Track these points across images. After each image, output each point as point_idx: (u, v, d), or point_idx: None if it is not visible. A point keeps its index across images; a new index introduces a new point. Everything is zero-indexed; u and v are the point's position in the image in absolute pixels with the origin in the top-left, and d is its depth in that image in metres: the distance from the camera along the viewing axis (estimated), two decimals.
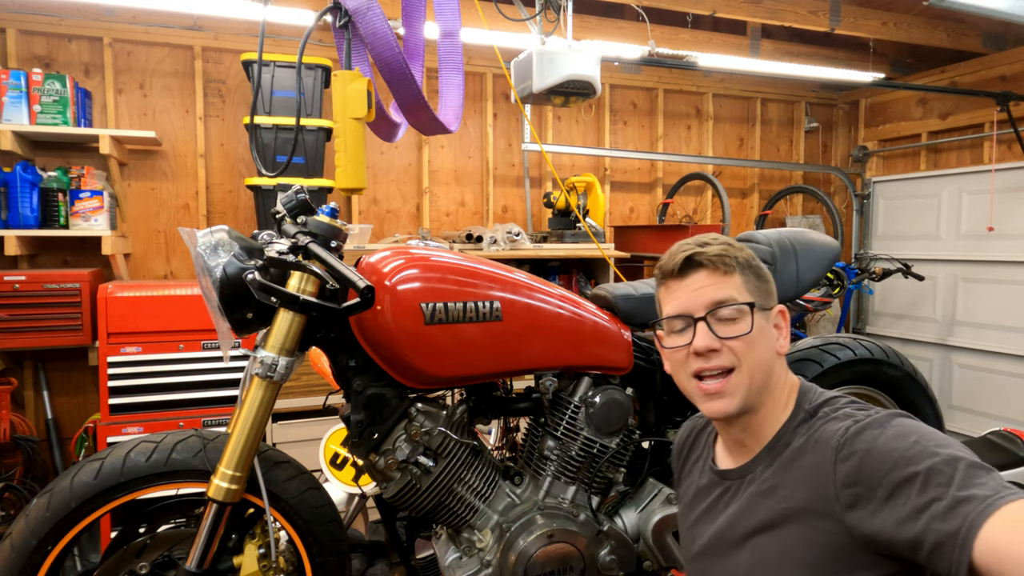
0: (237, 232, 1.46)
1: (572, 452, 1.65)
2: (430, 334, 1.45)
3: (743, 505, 1.07)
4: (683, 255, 1.09)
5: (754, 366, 1.04)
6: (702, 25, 4.33)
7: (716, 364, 1.04)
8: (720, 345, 1.04)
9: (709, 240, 1.11)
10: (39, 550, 1.38)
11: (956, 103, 4.56)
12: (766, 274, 1.11)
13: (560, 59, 2.53)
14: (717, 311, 1.05)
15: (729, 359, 1.04)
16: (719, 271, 1.07)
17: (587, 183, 3.94)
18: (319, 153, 3.39)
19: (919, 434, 0.89)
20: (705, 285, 1.07)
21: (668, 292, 1.12)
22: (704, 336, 1.05)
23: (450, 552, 1.62)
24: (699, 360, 1.05)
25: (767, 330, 1.07)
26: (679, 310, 1.09)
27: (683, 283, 1.09)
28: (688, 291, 1.08)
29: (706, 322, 1.05)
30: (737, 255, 1.08)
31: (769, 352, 1.06)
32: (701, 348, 1.04)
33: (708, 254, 1.07)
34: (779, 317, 1.11)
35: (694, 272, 1.08)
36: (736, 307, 1.05)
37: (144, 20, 3.47)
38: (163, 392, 2.82)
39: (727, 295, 1.05)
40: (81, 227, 3.07)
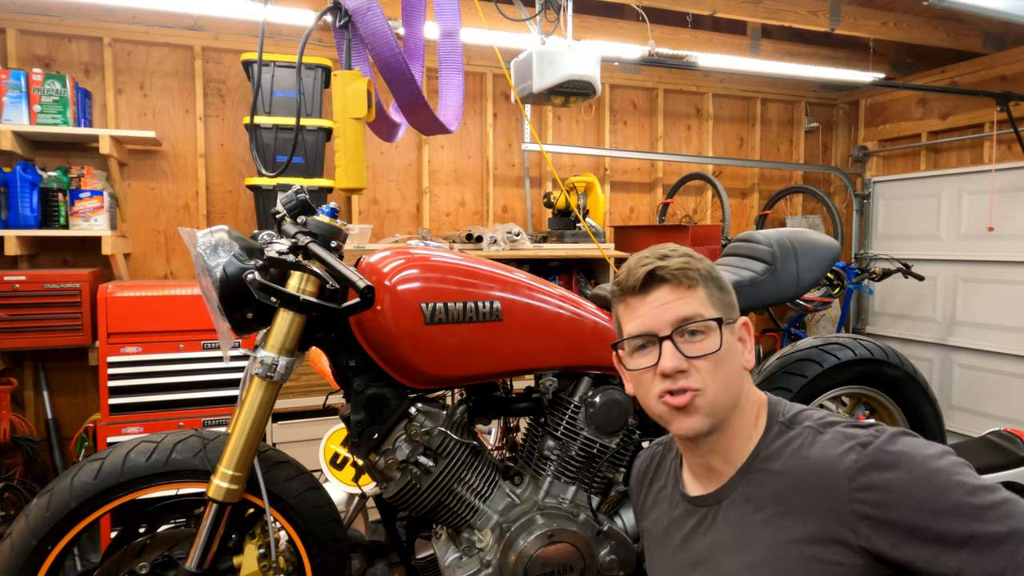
0: (237, 232, 1.46)
1: (572, 452, 1.65)
2: (430, 334, 1.45)
3: (730, 534, 1.01)
4: (644, 270, 1.03)
5: (723, 385, 0.99)
6: (702, 25, 4.33)
7: (682, 385, 0.98)
8: (688, 365, 0.98)
9: (668, 252, 1.06)
10: (39, 550, 1.38)
11: (956, 103, 4.56)
12: (727, 285, 1.07)
13: (560, 59, 2.53)
14: (683, 328, 1.00)
15: (697, 380, 0.98)
16: (683, 286, 1.02)
17: (587, 183, 3.94)
18: (319, 153, 3.39)
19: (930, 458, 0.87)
20: (669, 301, 1.01)
21: (629, 310, 1.06)
22: (671, 356, 0.99)
23: (450, 552, 1.62)
24: (666, 382, 0.99)
25: (733, 345, 1.03)
26: (642, 329, 1.02)
27: (645, 300, 1.03)
28: (651, 308, 1.02)
29: (672, 341, 0.99)
30: (699, 267, 1.03)
31: (737, 368, 1.02)
32: (669, 369, 0.98)
33: (670, 268, 1.02)
34: (743, 330, 1.06)
35: (656, 288, 1.03)
36: (703, 323, 0.99)
37: (144, 20, 3.47)
38: (163, 392, 2.82)
39: (693, 311, 1.00)
40: (81, 227, 3.07)
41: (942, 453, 0.88)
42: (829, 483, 0.91)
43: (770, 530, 0.96)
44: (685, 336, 1.00)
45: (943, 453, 0.88)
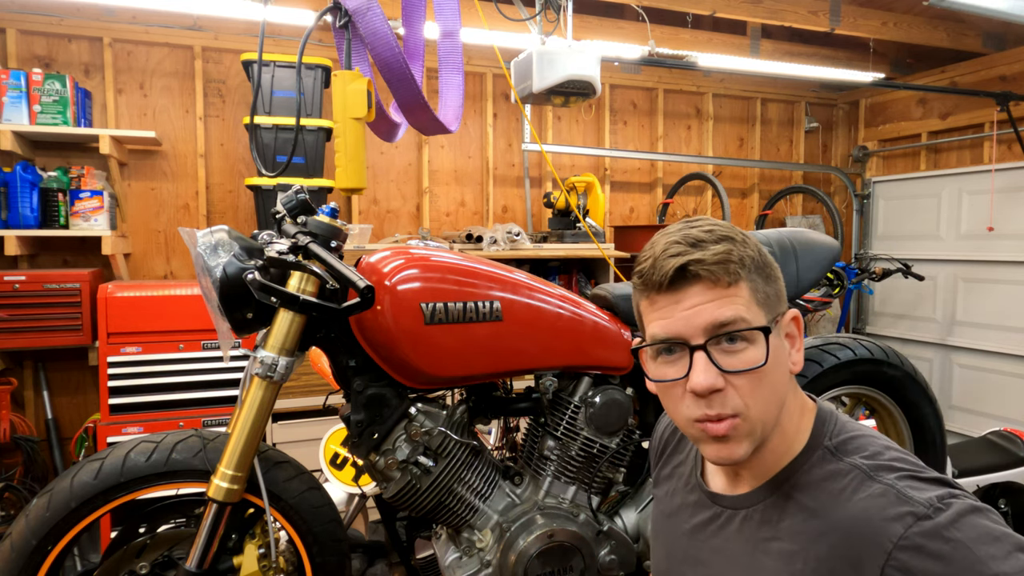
0: (237, 232, 1.46)
1: (572, 452, 1.65)
2: (430, 334, 1.45)
3: (740, 549, 0.89)
4: (673, 263, 0.82)
5: (766, 403, 0.82)
6: (702, 25, 4.33)
7: (719, 412, 0.81)
8: (724, 384, 0.81)
9: (703, 235, 0.84)
10: (39, 550, 1.38)
11: (956, 103, 4.56)
12: (774, 271, 0.87)
13: (560, 59, 2.53)
14: (720, 337, 0.81)
15: (735, 402, 0.81)
16: (721, 283, 0.82)
17: (587, 183, 3.94)
18: (319, 153, 3.39)
19: (996, 559, 0.69)
20: (703, 303, 0.82)
21: (653, 307, 0.86)
22: (704, 371, 0.80)
23: (450, 552, 1.62)
24: (701, 404, 0.82)
25: (781, 350, 0.85)
26: (669, 333, 0.84)
27: (675, 298, 0.83)
28: (681, 309, 0.83)
29: (706, 351, 0.81)
30: (742, 255, 0.83)
31: (783, 377, 0.85)
32: (702, 389, 0.80)
33: (706, 261, 0.82)
34: (791, 325, 0.88)
35: (688, 286, 0.83)
36: (745, 332, 0.81)
37: (144, 20, 3.47)
38: (163, 392, 2.82)
39: (733, 315, 0.81)
40: (81, 227, 3.07)
41: (1009, 553, 0.69)
42: (862, 550, 0.75)
43: (782, 566, 0.83)
44: (722, 344, 0.81)
45: (1010, 553, 0.70)
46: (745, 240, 0.86)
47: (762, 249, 0.87)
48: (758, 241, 0.88)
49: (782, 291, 0.88)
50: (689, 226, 0.87)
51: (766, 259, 0.87)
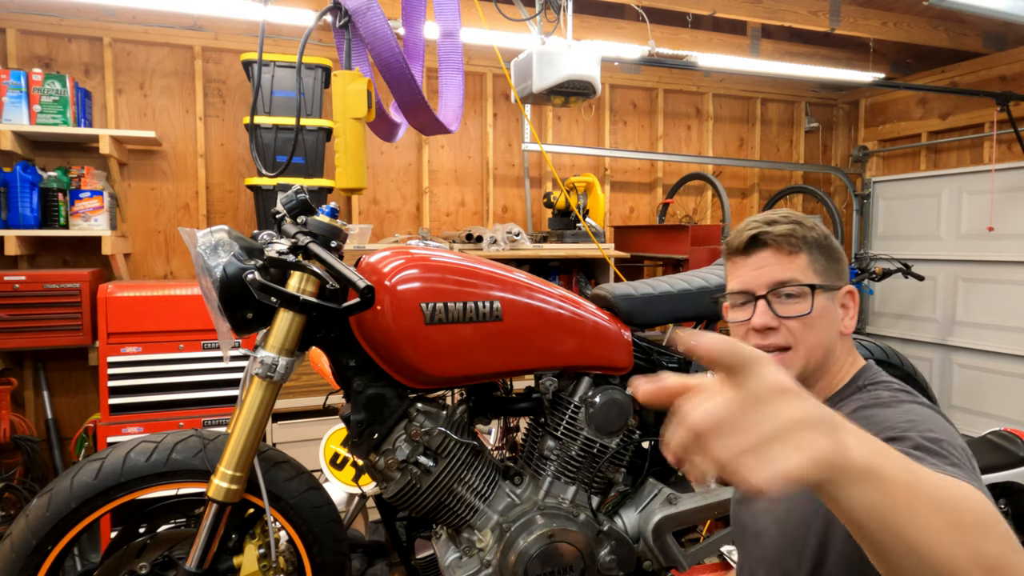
0: (237, 232, 1.46)
1: (572, 452, 1.65)
2: (430, 334, 1.45)
3: None
4: (749, 233, 1.11)
5: (811, 346, 1.06)
6: (702, 25, 4.33)
7: (772, 342, 1.07)
8: (778, 324, 1.06)
9: (778, 218, 1.11)
10: (39, 550, 1.38)
11: (956, 103, 4.56)
12: (838, 253, 1.12)
13: (560, 59, 2.53)
14: (778, 291, 1.07)
15: (786, 338, 1.06)
16: (783, 251, 1.08)
17: (587, 183, 3.94)
18: (319, 153, 3.39)
19: (919, 416, 0.91)
20: (768, 265, 1.09)
21: (734, 267, 1.14)
22: (762, 314, 1.07)
23: (450, 552, 1.61)
24: (757, 336, 1.08)
25: (831, 310, 1.08)
26: (741, 287, 1.11)
27: (747, 261, 1.11)
28: (751, 269, 1.10)
29: (767, 300, 1.07)
30: (806, 235, 1.09)
31: (830, 332, 1.08)
32: (758, 325, 1.07)
33: (774, 233, 1.09)
34: (847, 297, 1.12)
35: (759, 251, 1.10)
36: (797, 287, 1.06)
37: (144, 20, 3.47)
38: (163, 392, 2.82)
39: (789, 276, 1.07)
40: (81, 227, 3.07)
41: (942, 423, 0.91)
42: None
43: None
44: (781, 298, 1.07)
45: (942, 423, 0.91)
46: (813, 226, 1.11)
47: (829, 235, 1.12)
48: (827, 231, 1.13)
49: (842, 270, 1.12)
50: (771, 212, 1.15)
51: (831, 243, 1.12)
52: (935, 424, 0.90)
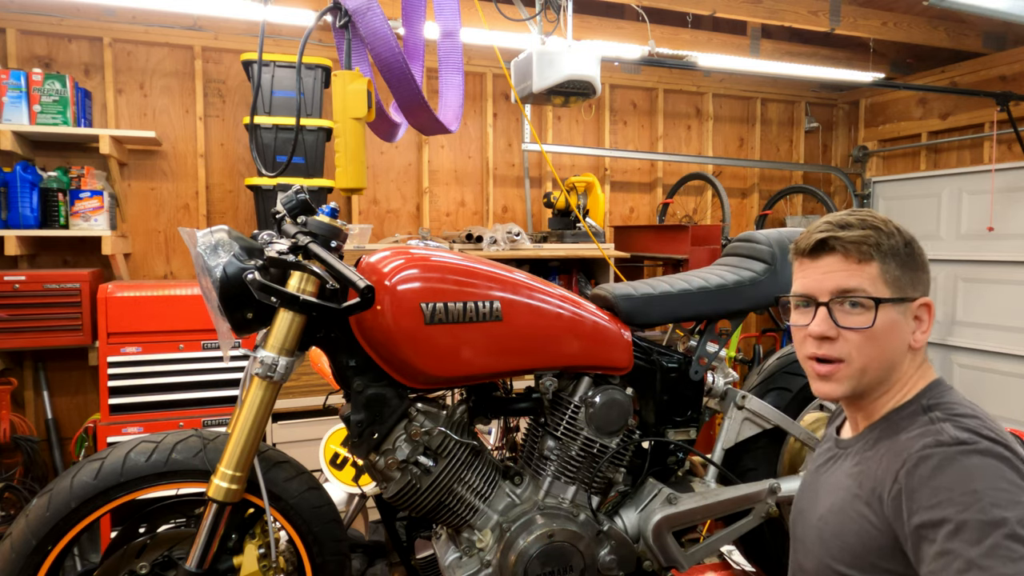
0: (237, 232, 1.46)
1: (572, 452, 1.65)
2: (430, 334, 1.45)
3: (836, 476, 1.09)
4: (818, 236, 1.05)
5: (869, 361, 1.01)
6: (702, 25, 4.33)
7: (827, 353, 1.03)
8: (836, 334, 1.02)
9: (853, 221, 1.04)
10: (39, 550, 1.38)
11: (956, 103, 4.56)
12: (917, 262, 1.05)
13: (560, 59, 2.53)
14: (842, 299, 1.02)
15: (842, 350, 1.02)
16: (852, 258, 1.02)
17: (587, 183, 3.94)
18: (319, 153, 3.39)
19: (982, 479, 0.85)
20: (835, 271, 1.03)
21: (800, 269, 1.10)
22: (821, 322, 1.03)
23: (450, 552, 1.61)
24: (813, 344, 1.04)
25: (899, 324, 1.02)
26: (804, 290, 1.07)
27: (815, 264, 1.06)
28: (817, 273, 1.05)
29: (828, 308, 1.03)
30: (880, 242, 1.02)
31: (894, 347, 1.02)
32: (815, 333, 1.03)
33: (844, 239, 1.02)
34: (922, 310, 1.05)
35: (826, 255, 1.05)
36: (862, 299, 1.00)
37: (144, 20, 3.47)
38: (163, 392, 2.82)
39: (856, 285, 1.01)
40: (81, 227, 3.07)
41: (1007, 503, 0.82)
42: (896, 460, 0.94)
43: (852, 483, 1.02)
44: (845, 306, 1.02)
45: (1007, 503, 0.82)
46: (892, 232, 1.04)
47: (911, 242, 1.05)
48: (912, 236, 1.06)
49: (921, 280, 1.05)
50: (848, 213, 1.07)
51: (912, 251, 1.04)
52: (1002, 494, 0.83)
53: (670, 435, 1.77)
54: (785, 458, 1.92)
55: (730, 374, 1.87)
